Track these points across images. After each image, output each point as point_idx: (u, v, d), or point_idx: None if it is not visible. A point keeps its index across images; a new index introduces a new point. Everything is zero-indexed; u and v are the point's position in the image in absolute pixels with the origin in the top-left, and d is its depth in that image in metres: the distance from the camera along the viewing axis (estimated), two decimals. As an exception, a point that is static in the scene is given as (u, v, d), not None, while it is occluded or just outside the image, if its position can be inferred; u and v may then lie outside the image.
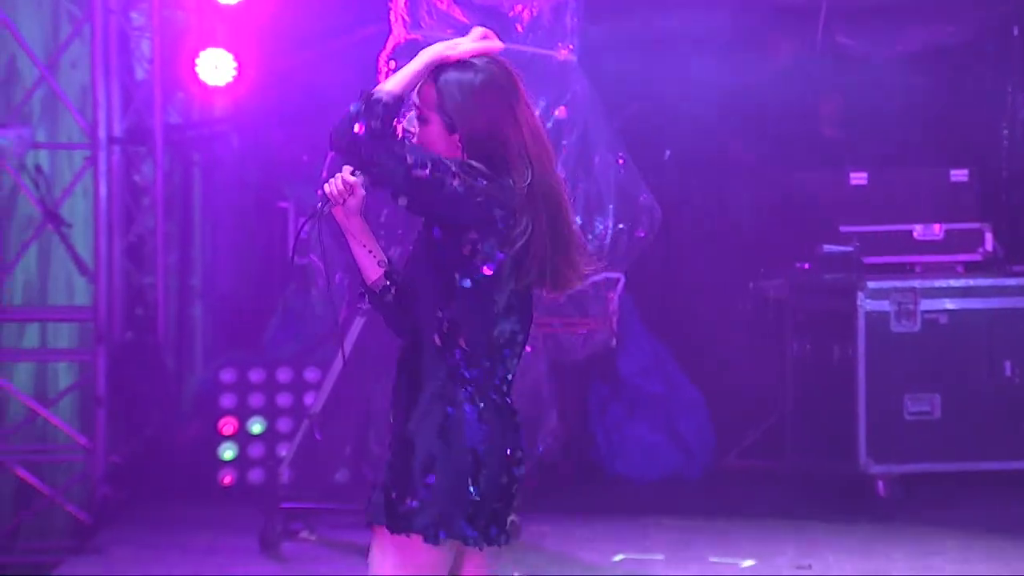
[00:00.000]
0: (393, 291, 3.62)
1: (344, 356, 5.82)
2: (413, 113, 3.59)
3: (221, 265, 8.75)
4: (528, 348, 7.47)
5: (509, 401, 3.62)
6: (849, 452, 7.50)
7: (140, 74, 8.03)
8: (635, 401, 8.34)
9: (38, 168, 7.19)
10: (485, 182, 3.48)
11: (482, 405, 3.52)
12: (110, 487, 7.17)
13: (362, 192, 3.57)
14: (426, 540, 3.46)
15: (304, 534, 6.58)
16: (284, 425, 7.83)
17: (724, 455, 8.36)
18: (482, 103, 3.56)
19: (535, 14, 7.22)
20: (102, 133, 7.26)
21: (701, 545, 6.71)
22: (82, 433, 7.16)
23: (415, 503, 3.45)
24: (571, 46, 7.30)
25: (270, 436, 7.84)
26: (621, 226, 7.51)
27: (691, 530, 7.03)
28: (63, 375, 7.79)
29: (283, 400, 7.91)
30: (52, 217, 7.11)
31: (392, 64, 6.23)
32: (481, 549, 3.58)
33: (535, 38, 7.28)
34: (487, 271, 3.50)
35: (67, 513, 7.03)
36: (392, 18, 6.97)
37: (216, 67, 7.65)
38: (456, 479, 3.48)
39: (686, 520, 7.24)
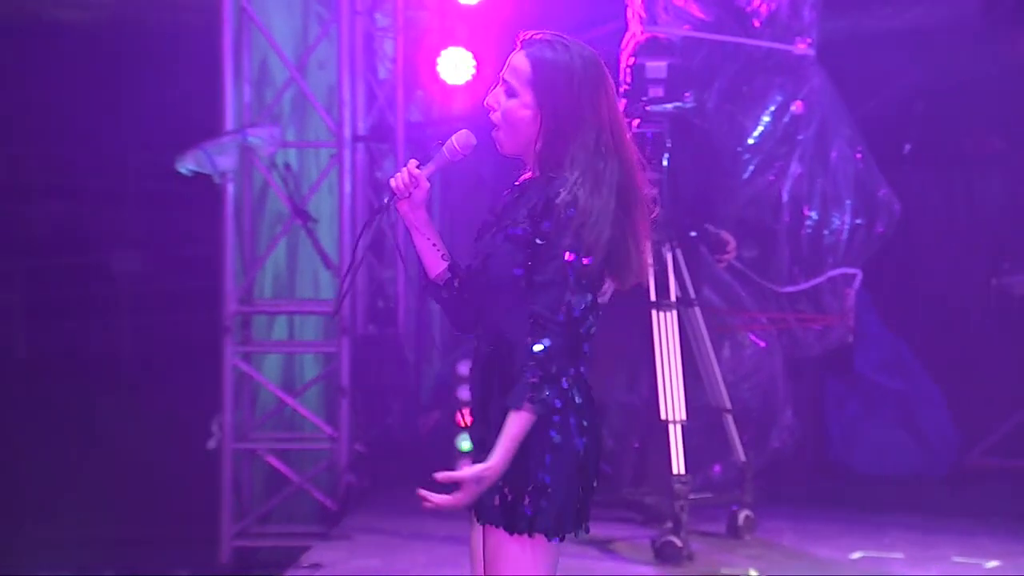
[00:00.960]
0: (456, 284, 3.60)
1: None
2: (500, 87, 3.50)
3: (458, 259, 8.84)
4: (762, 344, 7.45)
5: (592, 394, 3.58)
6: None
7: (383, 73, 8.20)
8: (873, 397, 8.18)
9: (287, 166, 7.35)
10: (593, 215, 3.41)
11: (579, 401, 3.49)
12: (354, 475, 7.31)
13: (427, 185, 3.54)
14: (549, 539, 3.46)
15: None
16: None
17: (967, 453, 8.14)
18: (574, 84, 3.46)
19: (773, 8, 7.14)
20: (347, 132, 7.39)
21: (943, 544, 6.53)
22: (327, 423, 7.31)
23: (535, 504, 3.45)
24: (809, 40, 7.19)
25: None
26: (859, 221, 7.38)
27: (932, 529, 6.85)
28: (309, 366, 7.97)
29: (519, 392, 7.95)
30: (300, 213, 7.25)
31: (632, 61, 6.22)
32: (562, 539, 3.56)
33: (772, 33, 7.21)
34: None
35: (314, 500, 7.20)
36: (629, 15, 6.98)
37: (456, 66, 7.76)
38: (568, 477, 3.46)
39: (927, 518, 7.06)
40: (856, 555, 6.37)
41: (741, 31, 7.16)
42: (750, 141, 7.31)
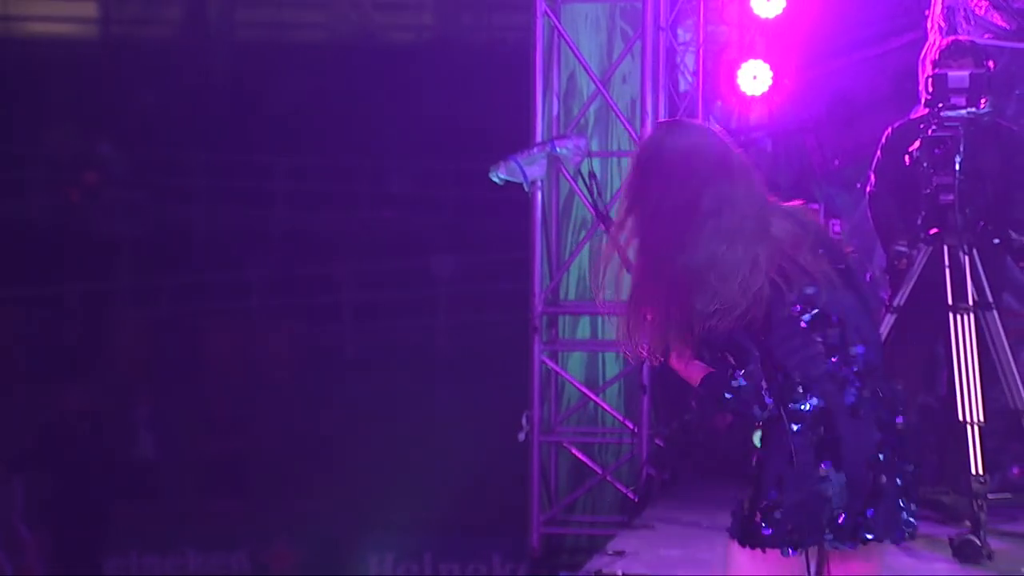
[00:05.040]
0: None
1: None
2: None
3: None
4: None
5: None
6: None
7: (683, 86, 8.27)
8: None
9: (591, 174, 7.47)
10: None
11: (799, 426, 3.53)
12: (654, 468, 7.38)
13: None
14: (782, 554, 3.50)
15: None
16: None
17: None
18: None
19: (1076, 16, 6.93)
20: (649, 142, 7.44)
21: None
22: (628, 417, 7.42)
23: (766, 520, 3.50)
24: (1113, 46, 6.95)
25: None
26: None
27: None
28: (611, 364, 8.10)
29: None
30: (603, 219, 7.37)
31: (933, 71, 6.12)
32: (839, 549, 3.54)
33: (1075, 40, 6.99)
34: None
35: (616, 491, 7.32)
36: (928, 25, 6.87)
37: (755, 77, 7.76)
38: (802, 493, 3.50)
39: None
40: None
41: (1041, 38, 6.97)
42: (1052, 147, 7.09)
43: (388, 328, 8.08)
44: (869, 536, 3.58)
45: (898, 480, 3.61)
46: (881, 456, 3.59)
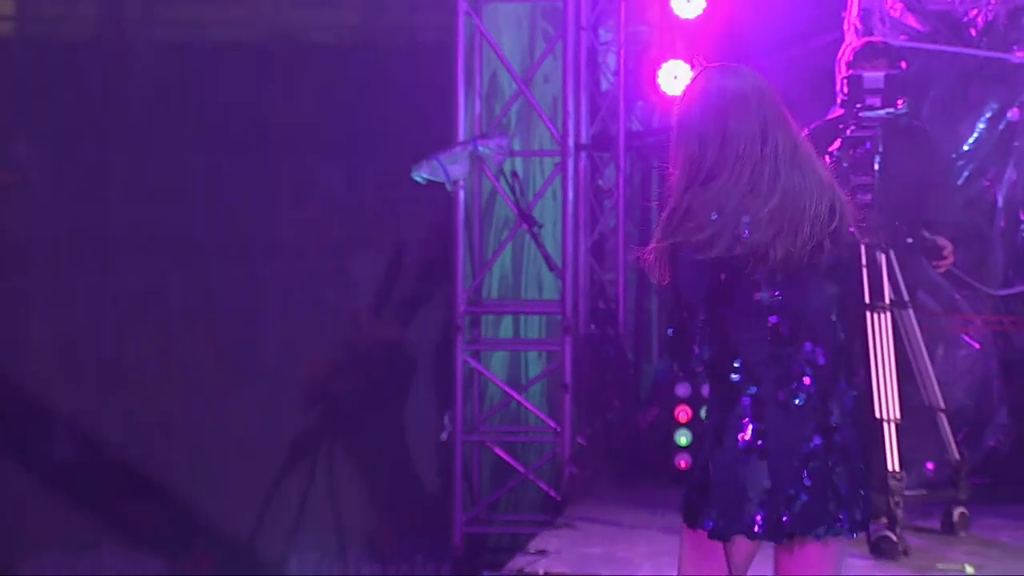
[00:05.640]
0: None
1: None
2: None
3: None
4: (977, 345, 7.31)
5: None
6: None
7: (605, 85, 8.29)
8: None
9: (514, 174, 7.50)
10: None
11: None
12: (576, 467, 7.40)
13: None
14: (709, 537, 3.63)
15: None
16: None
17: None
18: None
19: (990, 18, 7.02)
20: (571, 141, 7.50)
21: None
22: (551, 417, 7.43)
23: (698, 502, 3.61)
24: (1026, 49, 7.06)
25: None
26: (1074, 226, 7.20)
27: None
28: (533, 363, 8.12)
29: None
30: (525, 218, 7.39)
31: (849, 72, 6.18)
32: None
33: (989, 42, 7.08)
34: None
35: (539, 490, 7.32)
36: (845, 27, 6.94)
37: (676, 77, 7.80)
38: (726, 477, 3.62)
39: None
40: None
41: (957, 41, 7.05)
42: (965, 147, 7.20)
43: (309, 328, 8.05)
44: (791, 531, 3.60)
45: (833, 478, 3.62)
46: (812, 452, 3.60)
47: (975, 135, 7.21)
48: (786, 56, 7.75)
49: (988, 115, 7.19)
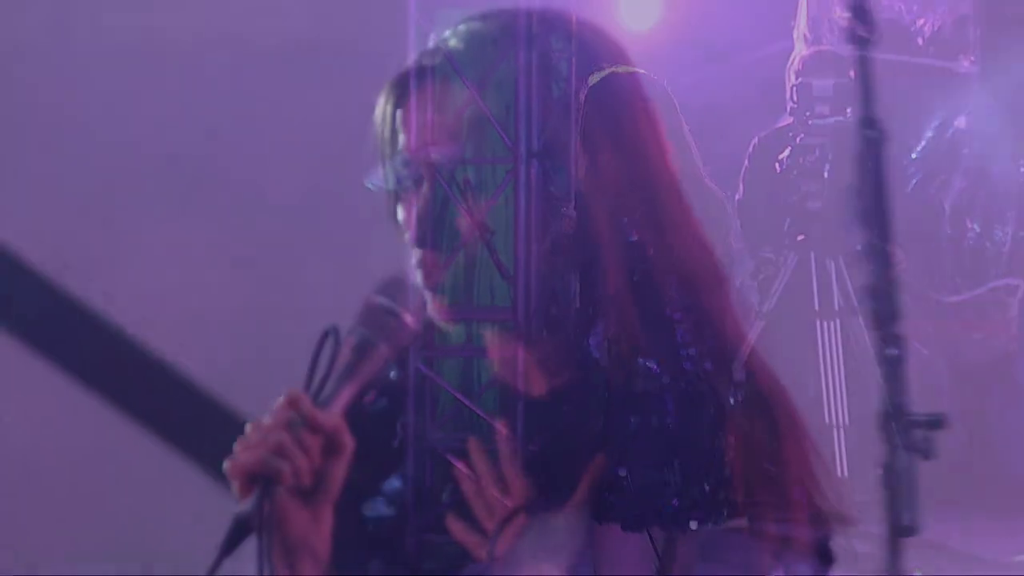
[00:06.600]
0: None
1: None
2: None
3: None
4: (925, 351, 7.38)
5: None
6: None
7: (556, 92, 8.31)
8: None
9: (466, 180, 7.50)
10: None
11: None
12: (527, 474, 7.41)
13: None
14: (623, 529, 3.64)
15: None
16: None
17: None
18: None
19: (937, 27, 7.10)
20: (523, 148, 7.50)
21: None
22: (503, 423, 7.42)
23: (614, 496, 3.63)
24: (972, 58, 7.13)
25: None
26: (1022, 233, 7.29)
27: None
28: (486, 370, 8.09)
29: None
30: (478, 225, 7.39)
31: (798, 80, 6.23)
32: None
33: (936, 50, 7.16)
34: None
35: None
36: (794, 35, 6.99)
37: (626, 84, 7.84)
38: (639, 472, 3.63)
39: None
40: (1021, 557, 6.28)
41: (905, 49, 7.13)
42: (913, 155, 7.28)
43: (259, 340, 8.01)
44: (693, 523, 3.62)
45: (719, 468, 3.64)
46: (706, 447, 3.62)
47: (923, 143, 7.29)
48: (737, 65, 7.81)
49: (936, 123, 7.26)
